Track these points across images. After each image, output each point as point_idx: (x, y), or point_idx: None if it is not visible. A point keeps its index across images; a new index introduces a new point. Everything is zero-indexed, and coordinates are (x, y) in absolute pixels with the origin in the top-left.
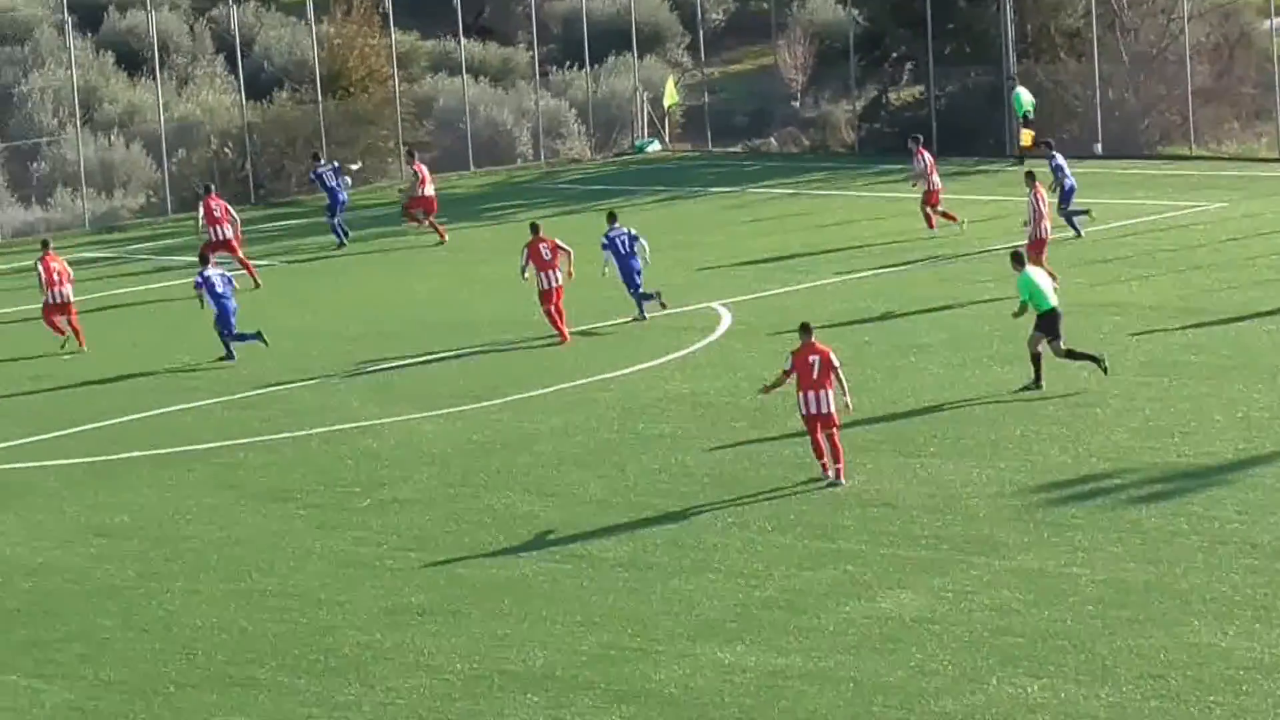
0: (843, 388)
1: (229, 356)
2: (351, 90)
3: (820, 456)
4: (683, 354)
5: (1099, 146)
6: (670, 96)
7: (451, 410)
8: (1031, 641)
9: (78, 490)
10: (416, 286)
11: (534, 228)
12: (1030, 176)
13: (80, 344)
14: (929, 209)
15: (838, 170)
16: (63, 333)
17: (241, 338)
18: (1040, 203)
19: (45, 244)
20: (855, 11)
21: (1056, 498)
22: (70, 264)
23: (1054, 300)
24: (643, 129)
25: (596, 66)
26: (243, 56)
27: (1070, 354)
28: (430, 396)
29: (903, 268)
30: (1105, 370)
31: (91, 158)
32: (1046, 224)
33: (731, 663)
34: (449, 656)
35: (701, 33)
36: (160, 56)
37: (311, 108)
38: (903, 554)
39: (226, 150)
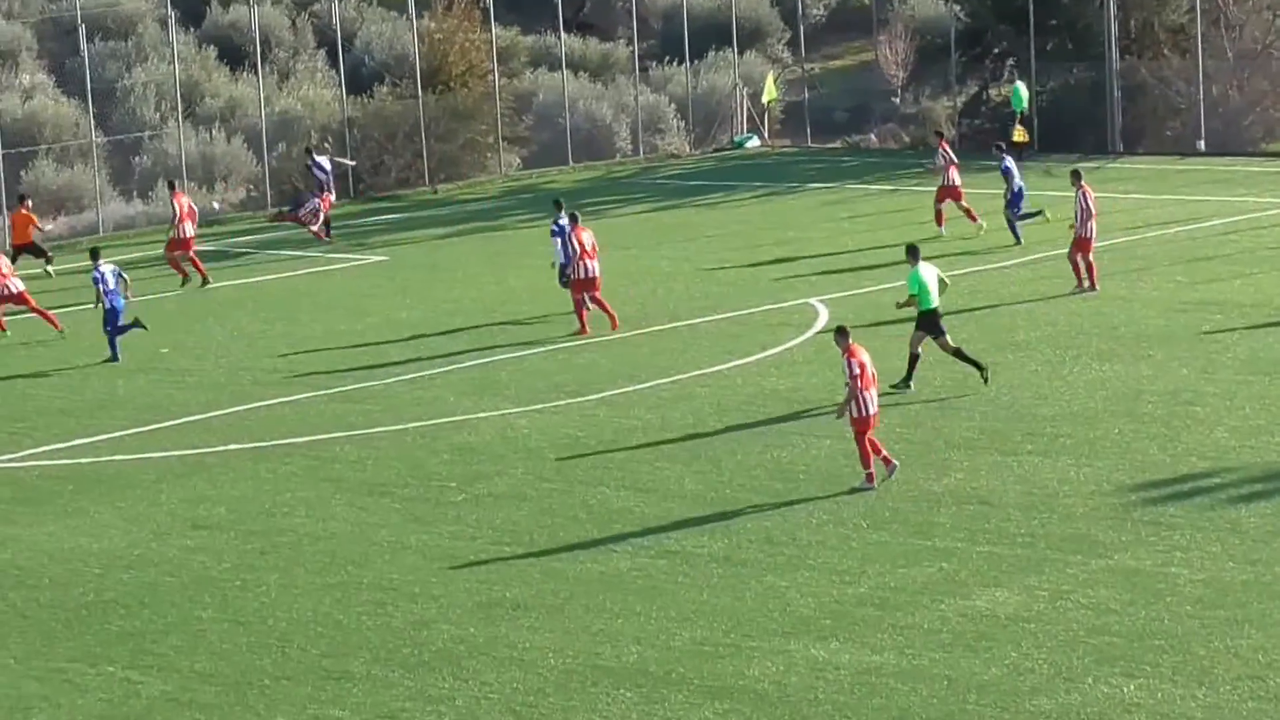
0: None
1: (114, 358)
2: (451, 85)
3: (869, 463)
4: (779, 350)
5: (1202, 143)
6: (770, 92)
7: (547, 405)
8: (1128, 641)
9: (175, 483)
10: (513, 280)
11: (573, 217)
12: (1076, 175)
13: (1, 327)
14: (941, 205)
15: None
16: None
17: (122, 329)
18: (1088, 201)
19: None
20: (956, 7)
21: (1155, 496)
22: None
23: (936, 301)
24: (742, 124)
25: (696, 62)
26: (344, 51)
27: (958, 353)
28: (526, 391)
29: (1001, 265)
30: (986, 380)
31: (193, 152)
32: (1093, 224)
33: (825, 659)
34: (543, 651)
35: (802, 28)
36: (262, 51)
37: (411, 102)
38: (999, 552)
39: (326, 144)
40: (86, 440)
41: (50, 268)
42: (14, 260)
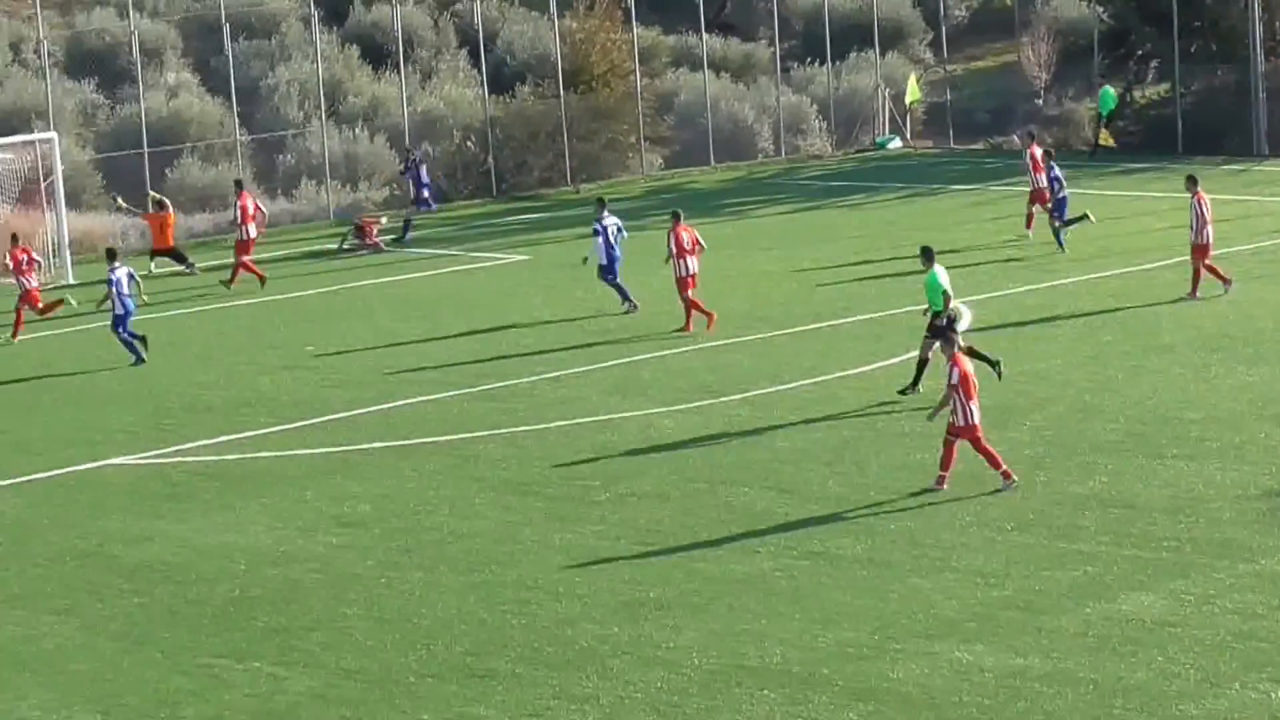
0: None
1: (138, 360)
2: (593, 85)
3: (949, 467)
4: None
5: None
6: (913, 93)
7: (690, 405)
8: (1276, 646)
9: (321, 480)
10: (656, 281)
11: (675, 215)
12: (1192, 181)
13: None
14: (1034, 209)
15: (1080, 169)
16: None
17: (133, 338)
18: (1203, 208)
19: (14, 238)
20: (1100, 9)
21: None
22: (311, 255)
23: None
24: (884, 125)
25: (838, 62)
26: (486, 51)
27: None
28: (670, 390)
29: (1145, 267)
30: (1000, 376)
31: (336, 150)
32: (1209, 230)
33: (970, 662)
34: (686, 651)
35: (944, 29)
36: (405, 50)
37: (553, 102)
38: (1144, 556)
39: (469, 144)
40: (233, 437)
41: (185, 267)
42: (152, 259)
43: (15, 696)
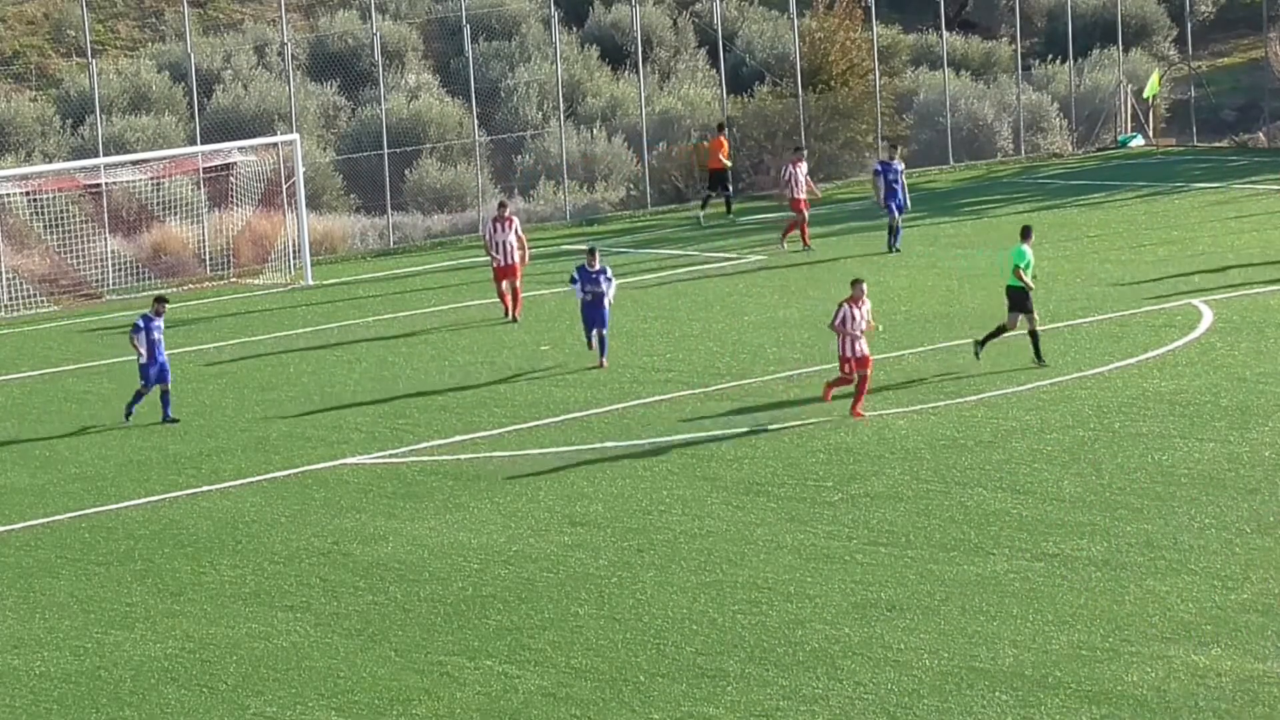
0: None
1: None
2: (831, 84)
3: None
4: (1162, 351)
5: None
6: (1152, 87)
7: (925, 405)
8: None
9: (554, 480)
10: (892, 280)
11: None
12: None
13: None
14: None
15: None
16: None
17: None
18: None
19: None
20: None
21: None
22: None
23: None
24: (1126, 123)
25: (1080, 60)
26: (724, 50)
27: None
28: (903, 391)
29: None
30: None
31: (574, 151)
32: None
33: (1206, 666)
34: (917, 652)
35: (1189, 25)
36: (643, 50)
37: (791, 102)
38: None
39: (706, 144)
40: (467, 437)
41: (703, 213)
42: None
43: (251, 692)
